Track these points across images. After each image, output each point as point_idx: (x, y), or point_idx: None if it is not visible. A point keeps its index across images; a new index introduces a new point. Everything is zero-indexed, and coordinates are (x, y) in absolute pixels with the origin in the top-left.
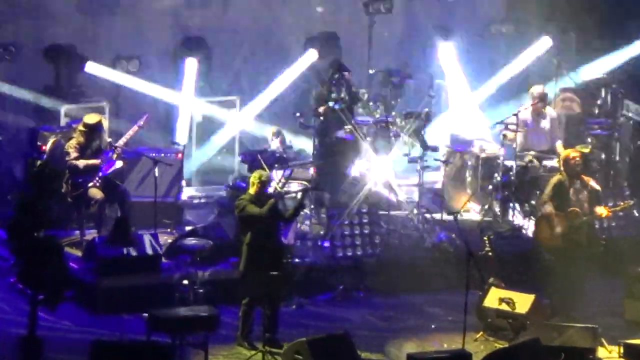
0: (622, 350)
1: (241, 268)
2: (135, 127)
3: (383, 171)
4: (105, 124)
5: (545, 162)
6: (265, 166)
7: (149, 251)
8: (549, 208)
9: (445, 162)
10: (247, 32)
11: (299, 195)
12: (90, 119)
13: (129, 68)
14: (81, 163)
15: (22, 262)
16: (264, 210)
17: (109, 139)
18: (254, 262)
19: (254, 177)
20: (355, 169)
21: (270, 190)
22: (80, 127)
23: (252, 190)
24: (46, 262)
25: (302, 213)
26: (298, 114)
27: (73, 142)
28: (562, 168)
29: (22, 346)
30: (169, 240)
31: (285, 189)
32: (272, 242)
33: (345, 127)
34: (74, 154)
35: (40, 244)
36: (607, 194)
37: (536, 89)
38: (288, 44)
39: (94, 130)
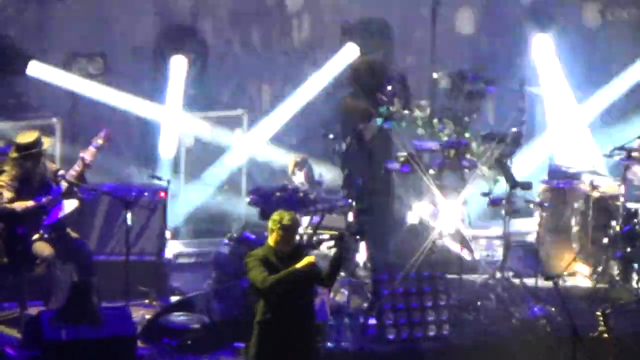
0: None
1: (251, 354)
2: (91, 149)
3: (453, 217)
4: (49, 144)
5: None
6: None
7: (119, 331)
8: None
9: (542, 205)
10: (257, 19)
11: (334, 245)
12: (24, 137)
13: (90, 70)
14: (18, 206)
15: None
16: (266, 282)
17: (60, 170)
18: (270, 346)
19: (272, 221)
20: (414, 214)
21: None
22: (13, 153)
23: (270, 241)
24: None
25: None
26: (332, 136)
27: (5, 178)
28: None
29: None
30: (147, 316)
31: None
32: (299, 316)
33: (400, 154)
34: (7, 194)
35: None
36: None
37: None
38: (317, 35)
39: (31, 154)
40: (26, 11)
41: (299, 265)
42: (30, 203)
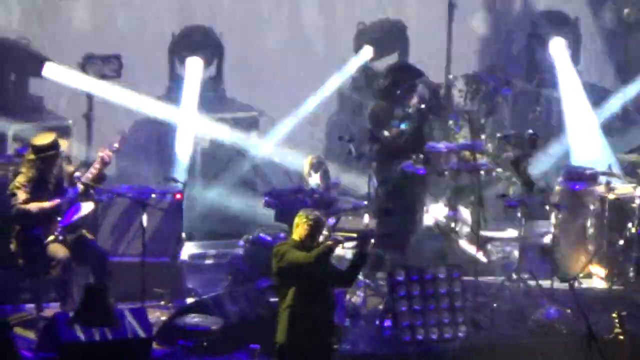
0: None
1: (279, 339)
2: (107, 152)
3: (468, 219)
4: (65, 146)
5: None
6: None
7: (134, 333)
8: None
9: (558, 207)
10: (273, 20)
11: (357, 244)
12: (41, 139)
13: (105, 72)
14: (33, 207)
15: None
16: (312, 255)
17: (77, 172)
18: (298, 331)
19: (299, 217)
20: (430, 216)
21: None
22: (29, 155)
23: (296, 236)
24: None
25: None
26: (347, 138)
27: (20, 179)
28: None
29: None
30: (163, 318)
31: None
32: (322, 312)
33: (415, 156)
34: (22, 195)
35: None
36: None
37: None
38: (332, 37)
39: (47, 157)
40: (42, 13)
41: (328, 243)
42: (45, 204)
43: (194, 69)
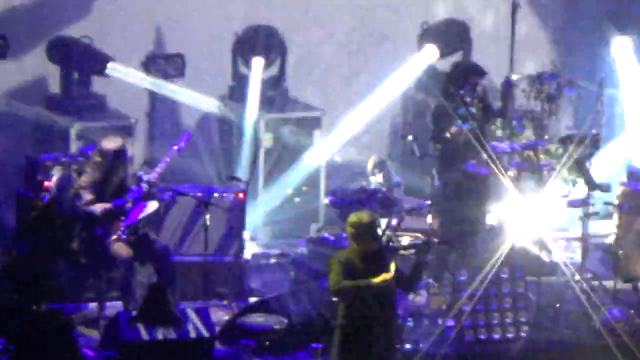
0: None
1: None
2: (173, 152)
3: (531, 219)
4: (132, 149)
5: None
6: None
7: (197, 333)
8: None
9: (621, 207)
10: (337, 20)
11: (417, 252)
12: (109, 143)
13: (168, 71)
14: (98, 208)
15: (14, 348)
16: (337, 287)
17: (139, 172)
18: (352, 349)
19: (349, 225)
20: (493, 216)
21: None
22: (96, 157)
23: (352, 243)
24: (49, 348)
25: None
26: (410, 138)
27: (85, 179)
28: None
29: None
30: (226, 318)
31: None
32: (381, 316)
33: (479, 156)
34: (87, 196)
35: (41, 322)
36: None
37: None
38: (396, 36)
39: (114, 160)
40: (104, 9)
41: (376, 279)
42: (109, 205)
43: (257, 68)
